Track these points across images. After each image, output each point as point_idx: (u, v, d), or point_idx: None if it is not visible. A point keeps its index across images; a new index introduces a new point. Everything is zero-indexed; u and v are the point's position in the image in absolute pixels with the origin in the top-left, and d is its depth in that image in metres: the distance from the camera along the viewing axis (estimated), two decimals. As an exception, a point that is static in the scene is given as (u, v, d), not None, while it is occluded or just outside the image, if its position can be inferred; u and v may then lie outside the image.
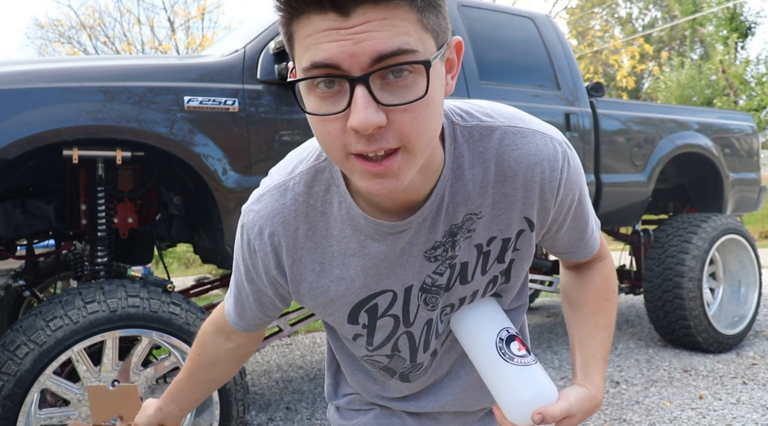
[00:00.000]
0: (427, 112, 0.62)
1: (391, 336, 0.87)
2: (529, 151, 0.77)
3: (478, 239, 0.81)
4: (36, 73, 2.09)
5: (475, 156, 0.77)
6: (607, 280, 0.96)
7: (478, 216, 0.79)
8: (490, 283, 0.87)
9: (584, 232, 0.91)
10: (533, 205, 0.80)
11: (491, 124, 0.78)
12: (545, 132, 0.80)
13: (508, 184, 0.78)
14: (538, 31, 3.46)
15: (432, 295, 0.84)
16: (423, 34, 0.60)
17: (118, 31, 17.27)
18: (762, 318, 4.64)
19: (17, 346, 1.88)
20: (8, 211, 2.43)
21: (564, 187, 0.81)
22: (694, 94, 17.44)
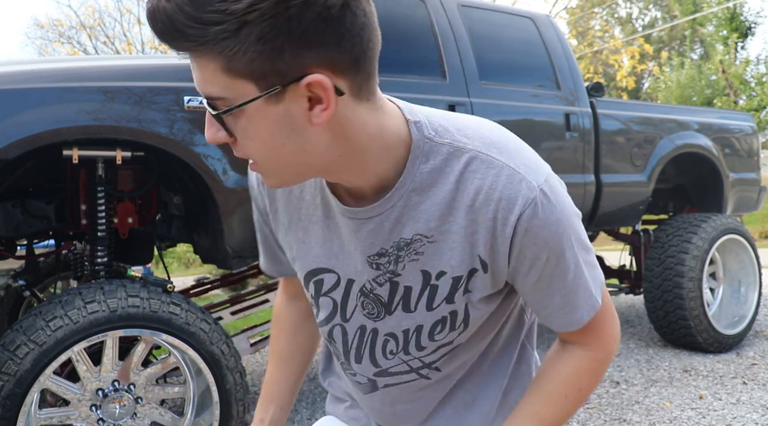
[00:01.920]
0: (254, 146, 0.67)
1: (329, 319, 0.88)
2: (490, 183, 0.73)
3: (426, 266, 0.78)
4: (36, 73, 2.09)
5: (438, 175, 0.74)
6: (579, 375, 0.84)
7: (428, 239, 0.76)
8: (439, 324, 0.81)
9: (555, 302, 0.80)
10: (487, 245, 0.75)
11: (462, 145, 0.74)
12: (518, 170, 0.73)
13: (464, 216, 0.74)
14: (538, 31, 3.46)
15: (370, 301, 0.83)
16: (232, 81, 0.62)
17: (118, 31, 17.28)
18: (762, 318, 4.64)
19: (17, 346, 1.88)
20: (8, 211, 2.43)
21: (524, 237, 0.73)
22: (694, 94, 17.44)
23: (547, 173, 0.76)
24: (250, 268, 3.52)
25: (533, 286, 0.79)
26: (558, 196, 0.75)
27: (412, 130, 0.75)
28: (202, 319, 2.15)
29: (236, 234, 2.33)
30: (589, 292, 0.80)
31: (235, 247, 2.35)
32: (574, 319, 0.81)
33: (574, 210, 0.78)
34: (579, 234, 0.78)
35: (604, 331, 0.84)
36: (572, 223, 0.76)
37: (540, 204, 0.72)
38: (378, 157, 0.72)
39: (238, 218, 2.31)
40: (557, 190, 0.75)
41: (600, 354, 0.84)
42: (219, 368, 2.15)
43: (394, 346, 0.85)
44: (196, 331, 2.11)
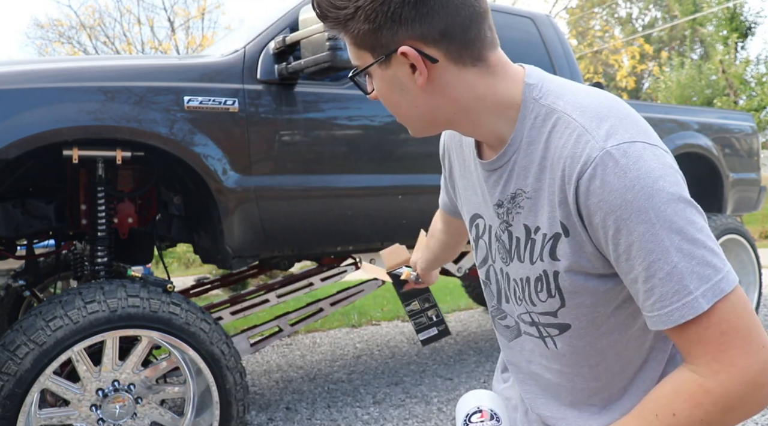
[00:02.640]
0: (387, 102, 0.85)
1: (485, 261, 0.98)
2: (564, 143, 0.75)
3: (526, 220, 0.84)
4: (36, 73, 2.09)
5: (536, 134, 0.80)
6: (676, 396, 0.71)
7: (526, 195, 0.83)
8: (538, 281, 0.83)
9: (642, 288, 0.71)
10: (560, 207, 0.76)
11: (555, 107, 0.79)
12: (591, 131, 0.72)
13: (548, 173, 0.78)
14: (538, 31, 3.46)
15: (501, 246, 0.91)
16: (359, 51, 0.82)
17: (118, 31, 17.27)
18: (762, 318, 4.64)
19: (17, 346, 1.88)
20: (8, 211, 2.43)
21: (587, 199, 0.71)
22: (694, 94, 17.44)
23: (630, 139, 0.71)
24: (250, 268, 3.52)
25: (617, 264, 0.73)
26: (637, 162, 0.69)
27: (524, 91, 0.82)
28: (202, 319, 2.15)
29: (236, 234, 2.33)
30: (681, 286, 0.68)
31: (235, 247, 2.35)
32: (663, 316, 0.70)
33: (671, 189, 0.69)
34: (668, 214, 0.68)
35: (720, 353, 0.68)
36: (655, 197, 0.68)
37: (603, 165, 0.69)
38: (490, 115, 0.82)
39: (238, 218, 2.31)
40: (637, 157, 0.69)
41: (709, 383, 0.69)
42: (219, 368, 2.15)
43: (520, 292, 0.90)
44: (196, 331, 2.11)
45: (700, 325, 0.69)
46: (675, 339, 0.72)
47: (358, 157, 2.64)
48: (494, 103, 0.81)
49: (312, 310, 2.95)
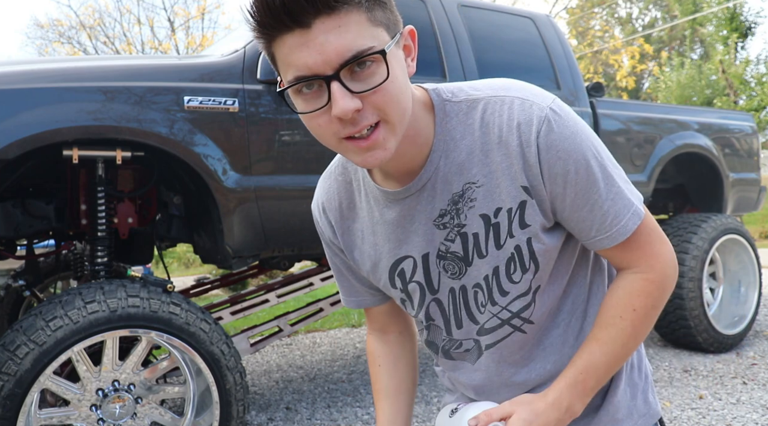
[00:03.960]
0: (392, 89, 0.75)
1: (422, 301, 0.95)
2: (507, 115, 0.82)
3: (482, 209, 0.85)
4: (36, 73, 2.09)
5: (465, 128, 0.84)
6: (633, 296, 0.86)
7: (476, 185, 0.84)
8: (510, 262, 0.86)
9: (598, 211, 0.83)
10: (523, 172, 0.82)
11: (477, 96, 0.85)
12: (527, 97, 0.82)
13: (497, 152, 0.83)
14: (538, 31, 3.46)
15: (449, 262, 0.90)
16: (375, 30, 0.73)
17: (118, 31, 17.27)
18: (762, 318, 4.64)
19: (17, 346, 1.88)
20: (8, 211, 2.42)
21: (548, 153, 0.80)
22: (694, 94, 17.44)
23: (554, 97, 0.84)
24: (250, 268, 3.52)
25: (572, 206, 0.83)
26: (568, 113, 0.83)
27: (432, 96, 0.86)
28: (202, 319, 2.15)
29: (236, 234, 2.33)
30: (627, 200, 0.84)
31: (235, 247, 2.35)
32: (621, 229, 0.84)
33: (590, 130, 0.85)
34: (599, 147, 0.84)
35: (651, 249, 0.86)
36: (589, 136, 0.83)
37: (552, 120, 0.80)
38: (416, 120, 0.83)
39: (238, 218, 2.31)
40: (566, 109, 0.83)
41: (650, 274, 0.86)
42: (219, 368, 2.15)
43: (482, 298, 0.90)
44: (196, 331, 2.11)
45: (639, 232, 0.85)
46: (619, 253, 0.86)
47: (358, 157, 2.64)
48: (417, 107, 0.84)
49: (312, 310, 2.95)
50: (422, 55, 2.96)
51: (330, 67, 0.71)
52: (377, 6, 0.73)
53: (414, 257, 0.91)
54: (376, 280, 0.99)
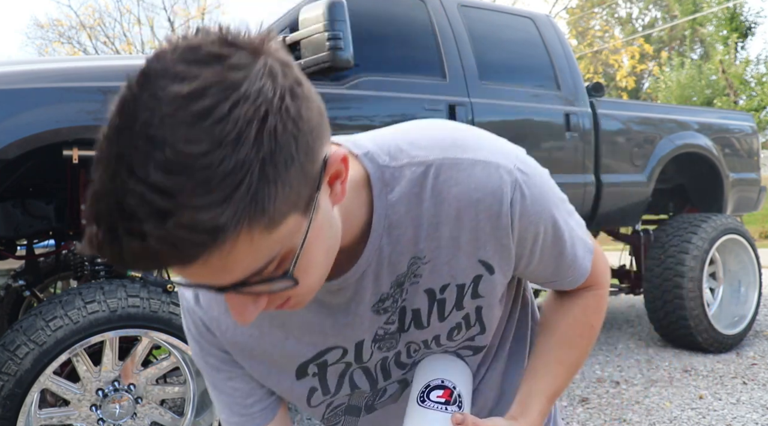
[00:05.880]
0: (315, 274, 0.60)
1: (344, 374, 0.83)
2: (470, 186, 0.68)
3: (427, 284, 0.74)
4: (36, 73, 2.09)
5: (411, 197, 0.69)
6: (588, 314, 0.85)
7: (422, 260, 0.72)
8: (454, 329, 0.80)
9: (564, 263, 0.80)
10: (486, 247, 0.71)
11: (424, 159, 0.69)
12: (489, 159, 0.69)
13: (453, 226, 0.70)
14: (538, 31, 3.46)
15: (386, 341, 0.80)
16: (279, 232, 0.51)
17: (118, 31, 17.29)
18: (762, 318, 4.64)
19: (17, 346, 1.88)
20: (8, 211, 2.43)
21: (521, 221, 0.70)
22: (694, 94, 17.45)
23: (515, 149, 0.73)
24: (250, 268, 3.52)
25: (538, 263, 0.77)
26: (532, 166, 0.73)
27: (364, 164, 0.69)
28: (202, 319, 2.14)
29: (236, 234, 2.32)
30: (582, 240, 0.82)
31: (235, 247, 2.34)
32: (581, 271, 0.82)
33: (545, 172, 0.76)
34: (556, 189, 0.77)
35: (597, 269, 0.85)
36: (550, 184, 0.75)
37: (523, 183, 0.70)
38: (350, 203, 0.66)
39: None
40: (529, 161, 0.73)
41: (599, 290, 0.87)
42: (219, 368, 2.15)
43: (416, 347, 0.82)
44: (196, 331, 2.11)
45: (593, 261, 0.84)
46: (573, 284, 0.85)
47: (358, 157, 2.64)
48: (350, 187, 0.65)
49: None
50: (422, 55, 2.96)
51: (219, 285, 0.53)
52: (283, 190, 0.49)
53: (344, 347, 0.78)
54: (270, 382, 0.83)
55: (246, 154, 0.46)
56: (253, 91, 0.48)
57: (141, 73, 0.49)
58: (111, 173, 0.48)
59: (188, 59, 0.49)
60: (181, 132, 0.46)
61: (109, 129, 0.49)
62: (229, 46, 0.50)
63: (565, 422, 2.77)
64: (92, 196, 0.49)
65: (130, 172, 0.46)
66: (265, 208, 0.48)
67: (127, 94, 0.48)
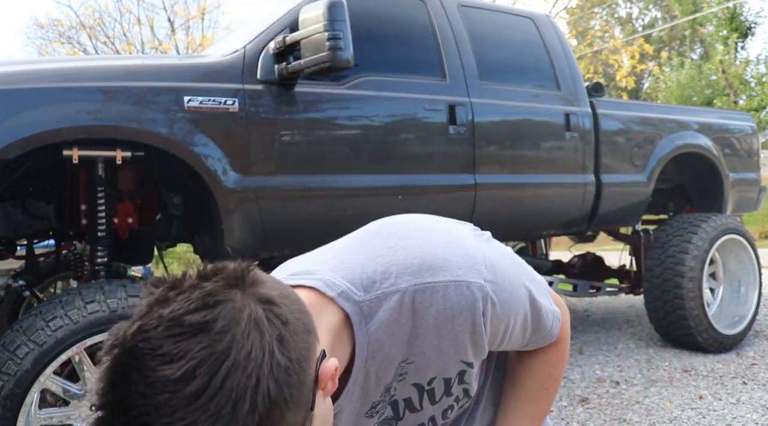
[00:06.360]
0: None
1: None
2: (445, 306, 0.74)
3: (414, 379, 0.80)
4: (36, 73, 2.09)
5: (391, 323, 0.74)
6: (551, 367, 0.93)
7: (406, 362, 0.78)
8: (448, 410, 0.88)
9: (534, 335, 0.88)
10: (467, 350, 0.79)
11: (397, 288, 0.74)
12: (459, 279, 0.75)
13: (433, 336, 0.76)
14: (538, 31, 3.46)
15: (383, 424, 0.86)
16: None
17: (118, 31, 17.27)
18: (762, 318, 4.64)
19: (17, 346, 1.88)
20: (8, 211, 2.42)
21: (492, 323, 0.78)
22: (694, 94, 17.44)
23: (482, 257, 0.78)
24: (250, 268, 3.52)
25: (508, 343, 0.86)
26: (499, 270, 0.79)
27: (342, 304, 0.73)
28: (202, 319, 2.14)
29: (236, 234, 2.32)
30: (551, 312, 0.88)
31: (235, 247, 2.34)
32: (549, 337, 0.90)
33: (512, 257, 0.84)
34: (524, 273, 0.84)
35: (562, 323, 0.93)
36: (518, 277, 0.82)
37: (493, 293, 0.77)
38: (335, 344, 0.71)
39: (238, 218, 2.31)
40: (496, 263, 0.79)
41: (562, 344, 0.93)
42: (219, 368, 2.14)
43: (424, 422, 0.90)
44: (196, 331, 2.11)
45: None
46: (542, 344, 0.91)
47: (358, 157, 2.64)
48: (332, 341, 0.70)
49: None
50: (422, 55, 2.96)
51: None
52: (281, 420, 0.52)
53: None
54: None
55: (243, 420, 0.48)
56: (242, 358, 0.49)
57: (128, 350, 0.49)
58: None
59: (174, 335, 0.48)
60: (177, 416, 0.46)
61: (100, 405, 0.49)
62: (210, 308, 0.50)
63: (565, 422, 2.77)
64: None
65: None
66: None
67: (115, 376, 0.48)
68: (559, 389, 3.20)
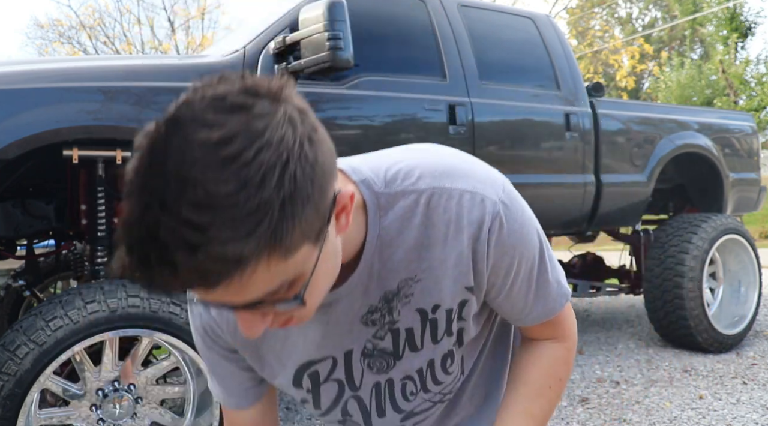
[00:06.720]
0: (317, 297, 0.66)
1: (338, 400, 0.87)
2: (456, 213, 0.75)
3: (419, 304, 0.79)
4: (36, 73, 2.09)
5: (403, 222, 0.75)
6: (557, 365, 0.89)
7: (413, 280, 0.77)
8: (447, 357, 0.85)
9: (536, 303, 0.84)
10: (470, 272, 0.77)
11: (416, 188, 0.75)
12: (476, 190, 0.75)
13: (440, 249, 0.76)
14: (538, 31, 3.46)
15: (376, 359, 0.83)
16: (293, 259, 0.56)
17: (118, 31, 17.29)
18: (762, 318, 4.64)
19: (17, 346, 1.88)
20: (8, 211, 2.42)
21: (495, 249, 0.76)
22: (694, 94, 17.45)
23: (502, 181, 0.79)
24: (250, 268, 3.52)
25: (508, 294, 0.82)
26: (516, 200, 0.78)
27: (362, 190, 0.75)
28: (202, 319, 2.14)
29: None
30: (558, 282, 0.86)
31: (235, 247, 2.34)
32: (548, 309, 0.85)
33: (529, 209, 0.82)
34: (539, 228, 0.82)
35: (567, 320, 0.90)
36: (532, 220, 0.81)
37: (504, 215, 0.76)
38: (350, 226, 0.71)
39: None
40: (514, 195, 0.79)
41: (568, 343, 0.90)
42: (219, 368, 2.15)
43: (413, 387, 0.86)
44: (196, 331, 2.11)
45: (564, 310, 0.88)
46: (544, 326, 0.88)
47: (358, 157, 2.64)
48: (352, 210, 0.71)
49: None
50: (422, 55, 2.96)
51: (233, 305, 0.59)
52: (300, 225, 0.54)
53: (334, 357, 0.83)
54: (271, 377, 0.87)
55: (269, 195, 0.51)
56: (275, 139, 0.52)
57: (171, 117, 0.53)
58: (143, 206, 0.51)
59: (216, 108, 0.53)
60: (210, 174, 0.50)
61: (139, 164, 0.53)
62: (252, 96, 0.54)
63: (565, 422, 2.77)
64: (124, 225, 0.53)
65: (163, 208, 0.50)
66: (283, 241, 0.53)
67: (157, 135, 0.53)
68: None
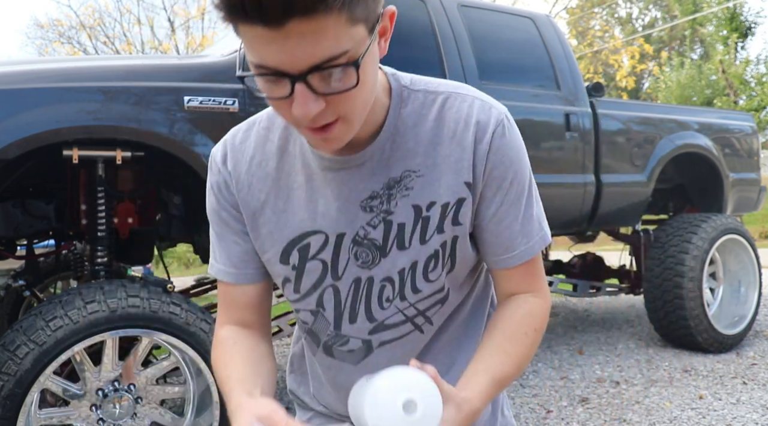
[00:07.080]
0: (359, 94, 0.70)
1: (318, 285, 0.88)
2: (466, 112, 0.83)
3: (416, 200, 0.83)
4: (36, 73, 2.09)
5: (419, 117, 0.84)
6: (533, 315, 0.90)
7: (416, 174, 0.83)
8: (432, 258, 0.85)
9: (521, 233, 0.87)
10: (471, 168, 0.83)
11: (435, 89, 0.86)
12: (486, 100, 0.86)
13: (447, 146, 0.83)
14: (538, 31, 3.46)
15: (364, 249, 0.85)
16: (353, 30, 0.65)
17: (118, 31, 17.28)
18: (762, 318, 4.64)
19: (17, 346, 1.88)
20: (8, 211, 2.42)
21: (494, 154, 0.83)
22: (694, 94, 17.45)
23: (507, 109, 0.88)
24: (250, 268, 3.52)
25: (494, 215, 0.86)
26: (516, 127, 0.87)
27: (390, 80, 0.85)
28: (202, 319, 2.15)
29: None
30: (540, 224, 0.90)
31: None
32: (528, 248, 0.88)
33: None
34: (531, 169, 0.89)
35: (541, 275, 0.93)
36: (526, 153, 0.88)
37: (507, 126, 0.84)
38: (375, 101, 0.80)
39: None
40: (513, 121, 0.87)
41: (544, 301, 0.93)
42: (219, 368, 2.14)
43: (390, 292, 0.87)
44: (196, 331, 2.11)
45: (539, 257, 0.91)
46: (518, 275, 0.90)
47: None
48: (378, 87, 0.81)
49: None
50: (422, 55, 2.96)
51: (297, 69, 0.64)
52: (357, 3, 0.64)
53: (327, 234, 0.85)
54: (262, 250, 0.89)
55: None
56: None
57: None
58: None
59: None
60: None
61: None
62: None
63: (565, 422, 2.77)
64: None
65: None
66: (351, 6, 0.62)
67: None
68: (559, 389, 3.20)
